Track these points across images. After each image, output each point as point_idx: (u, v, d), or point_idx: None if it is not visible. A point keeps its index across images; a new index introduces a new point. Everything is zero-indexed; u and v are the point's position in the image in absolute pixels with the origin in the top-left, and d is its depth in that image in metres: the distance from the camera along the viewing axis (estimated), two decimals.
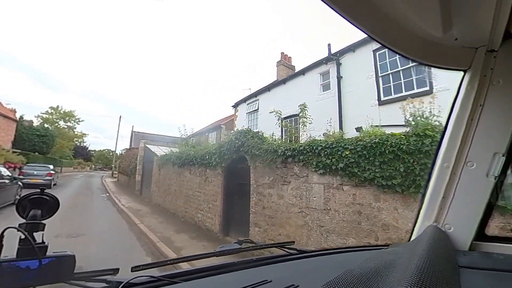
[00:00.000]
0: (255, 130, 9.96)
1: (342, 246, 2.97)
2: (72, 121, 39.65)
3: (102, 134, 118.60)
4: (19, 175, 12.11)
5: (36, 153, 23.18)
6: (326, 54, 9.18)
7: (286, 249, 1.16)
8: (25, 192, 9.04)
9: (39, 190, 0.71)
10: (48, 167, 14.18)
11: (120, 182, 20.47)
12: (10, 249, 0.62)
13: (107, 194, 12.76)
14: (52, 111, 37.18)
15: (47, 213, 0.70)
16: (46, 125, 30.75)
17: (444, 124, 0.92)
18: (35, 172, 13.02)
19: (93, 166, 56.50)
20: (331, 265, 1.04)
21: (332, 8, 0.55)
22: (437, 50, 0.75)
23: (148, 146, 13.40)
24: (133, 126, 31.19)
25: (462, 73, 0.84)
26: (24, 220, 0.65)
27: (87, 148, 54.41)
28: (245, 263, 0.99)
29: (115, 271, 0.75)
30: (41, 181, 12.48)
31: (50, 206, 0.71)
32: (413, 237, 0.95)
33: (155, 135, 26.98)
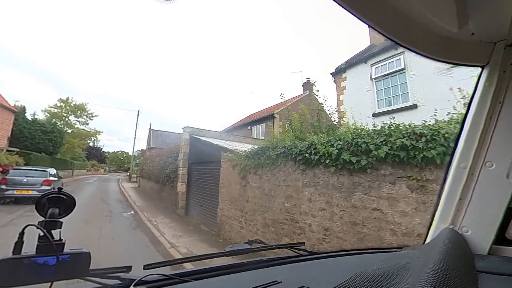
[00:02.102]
0: (401, 103, 6.98)
1: (353, 248, 2.90)
2: (84, 116, 32.97)
3: (115, 137, 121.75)
4: (0, 182, 8.59)
5: (42, 153, 19.35)
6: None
7: (296, 250, 1.15)
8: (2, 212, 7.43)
9: (56, 189, 0.74)
10: (46, 171, 9.77)
11: (143, 189, 16.24)
12: (30, 246, 0.65)
13: (132, 212, 8.80)
14: (62, 104, 30.94)
15: (64, 212, 0.73)
16: (53, 120, 25.51)
17: (460, 122, 0.88)
18: (25, 180, 8.73)
19: (107, 168, 54.96)
20: (342, 267, 1.02)
21: (342, 6, 0.54)
22: (453, 46, 0.73)
23: (204, 139, 8.39)
24: (150, 124, 27.13)
25: (479, 69, 0.81)
26: (43, 218, 0.68)
27: (101, 149, 51.86)
28: (255, 263, 0.99)
29: (128, 268, 0.77)
30: (34, 192, 8.58)
31: (67, 204, 0.74)
32: (427, 240, 0.92)
33: (178, 133, 23.97)
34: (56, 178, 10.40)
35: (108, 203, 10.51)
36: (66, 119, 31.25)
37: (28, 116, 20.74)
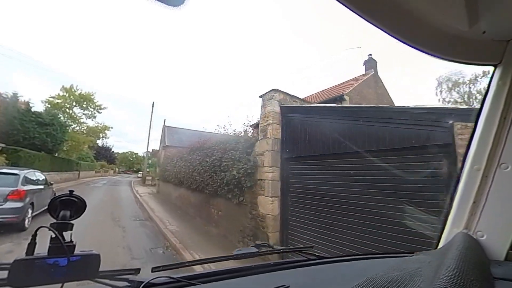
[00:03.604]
0: None
1: (363, 253, 2.83)
2: (91, 109, 26.74)
3: (123, 138, 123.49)
4: None
5: (42, 152, 15.76)
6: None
7: (304, 254, 1.14)
8: None
9: (68, 192, 0.76)
10: (17, 175, 5.82)
11: (167, 197, 12.08)
12: (43, 247, 0.67)
13: (166, 245, 5.22)
14: (65, 93, 24.79)
15: (75, 214, 0.75)
16: (54, 111, 19.84)
17: (473, 122, 0.86)
18: None
19: (117, 169, 53.77)
20: (351, 272, 1.00)
21: (348, 7, 0.53)
22: (463, 45, 0.71)
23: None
24: (165, 120, 23.78)
25: (492, 68, 0.78)
26: (55, 220, 0.70)
27: (111, 149, 49.68)
28: (262, 267, 0.99)
29: (137, 271, 0.78)
30: None
31: (78, 207, 0.76)
32: (440, 245, 0.90)
33: (196, 131, 18.52)
34: (41, 186, 6.74)
35: (124, 227, 6.47)
36: (70, 111, 25.18)
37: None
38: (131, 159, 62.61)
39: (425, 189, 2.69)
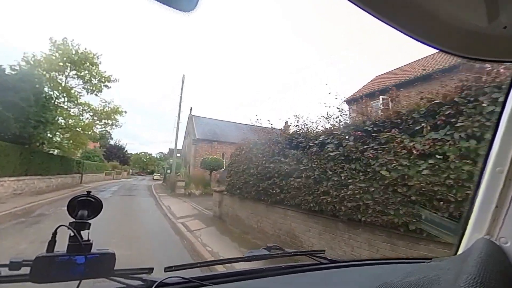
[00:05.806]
0: None
1: (377, 258, 2.77)
2: (95, 80, 15.69)
3: (137, 141, 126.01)
4: None
5: (13, 144, 9.18)
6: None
7: (316, 258, 1.12)
8: None
9: (86, 192, 0.79)
10: None
11: (281, 240, 4.48)
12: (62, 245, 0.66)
13: None
14: (54, 51, 13.90)
15: (92, 213, 0.78)
16: (28, 68, 11.92)
17: (494, 122, 0.82)
18: None
19: (130, 171, 50.95)
20: (365, 277, 0.97)
21: (359, 6, 0.52)
22: (483, 42, 0.67)
23: None
24: (191, 108, 19.05)
25: None
26: (73, 219, 0.73)
27: (124, 148, 46.55)
28: (273, 270, 0.98)
29: (150, 270, 0.79)
30: None
31: (95, 207, 0.79)
32: (460, 251, 0.86)
33: (234, 123, 16.35)
34: None
35: None
36: (61, 76, 14.67)
37: None
38: (145, 160, 61.78)
39: None
